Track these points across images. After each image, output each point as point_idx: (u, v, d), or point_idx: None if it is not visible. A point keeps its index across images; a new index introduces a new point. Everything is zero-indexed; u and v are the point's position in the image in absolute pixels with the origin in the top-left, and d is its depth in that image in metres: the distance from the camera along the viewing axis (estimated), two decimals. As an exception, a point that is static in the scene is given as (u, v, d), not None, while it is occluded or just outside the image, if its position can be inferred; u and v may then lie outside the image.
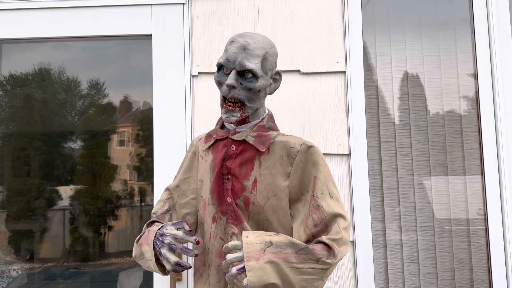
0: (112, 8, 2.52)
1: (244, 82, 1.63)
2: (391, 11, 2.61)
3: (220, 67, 1.67)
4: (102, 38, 2.57)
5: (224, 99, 1.66)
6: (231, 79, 1.60)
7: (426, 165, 2.52)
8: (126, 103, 2.73)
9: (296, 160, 1.68)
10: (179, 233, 1.60)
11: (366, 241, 2.37)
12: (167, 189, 1.88)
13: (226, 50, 1.66)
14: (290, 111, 2.42)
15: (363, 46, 2.56)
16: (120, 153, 2.72)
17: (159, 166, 2.42)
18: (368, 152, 2.52)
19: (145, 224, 1.84)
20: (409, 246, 2.48)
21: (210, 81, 2.44)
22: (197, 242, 1.56)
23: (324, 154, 2.37)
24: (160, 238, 1.62)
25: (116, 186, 2.69)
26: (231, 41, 1.66)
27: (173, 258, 1.57)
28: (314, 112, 2.42)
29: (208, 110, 2.43)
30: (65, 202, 2.69)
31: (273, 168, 1.69)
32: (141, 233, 1.78)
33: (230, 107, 1.65)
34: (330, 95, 2.43)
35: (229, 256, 1.50)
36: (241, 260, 1.50)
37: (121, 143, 2.74)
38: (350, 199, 2.37)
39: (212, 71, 2.44)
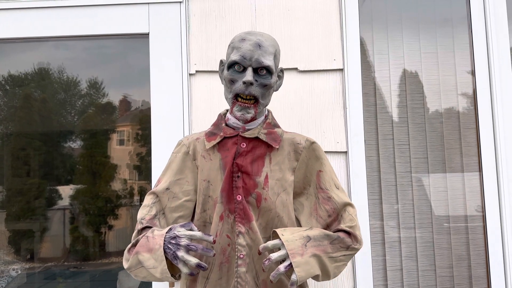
0: (109, 7, 2.52)
1: (259, 79, 1.67)
2: (389, 8, 2.61)
3: (232, 65, 1.67)
4: (100, 37, 2.57)
5: (236, 97, 1.68)
6: (249, 76, 1.62)
7: (424, 162, 2.52)
8: (126, 102, 2.73)
9: (301, 156, 1.77)
10: (198, 233, 1.54)
11: (364, 239, 2.37)
12: (153, 193, 1.78)
13: (237, 48, 1.67)
14: (288, 109, 2.42)
15: (361, 44, 2.56)
16: (120, 152, 2.72)
17: (157, 165, 2.42)
18: (366, 150, 2.52)
19: (136, 232, 1.73)
20: (408, 243, 2.48)
21: (208, 80, 2.45)
22: (214, 242, 1.56)
23: (322, 151, 2.38)
24: (173, 241, 1.54)
25: (116, 186, 2.69)
26: (242, 39, 1.67)
27: (193, 260, 1.51)
28: (311, 110, 2.42)
29: (206, 108, 2.43)
30: (65, 202, 2.70)
31: (282, 163, 1.75)
32: (133, 242, 1.68)
33: (246, 104, 1.67)
34: (328, 93, 2.43)
35: (274, 256, 1.53)
36: (284, 258, 1.55)
37: (121, 142, 2.74)
38: (348, 196, 2.37)
39: (209, 70, 2.44)
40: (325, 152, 2.39)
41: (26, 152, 2.68)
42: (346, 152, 2.40)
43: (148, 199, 1.77)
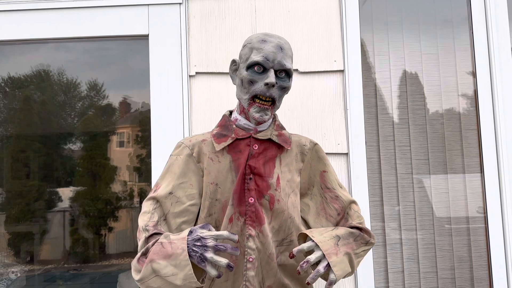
0: (109, 8, 2.51)
1: (279, 81, 1.66)
2: (389, 9, 2.61)
3: (252, 65, 1.65)
4: (99, 39, 2.57)
5: (253, 98, 1.66)
6: (273, 78, 1.61)
7: (425, 163, 2.51)
8: (126, 104, 2.73)
9: (307, 157, 1.80)
10: (224, 233, 1.48)
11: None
12: (152, 198, 1.68)
13: (257, 48, 1.65)
14: (288, 110, 2.41)
15: (361, 45, 2.55)
16: (120, 154, 2.72)
17: (157, 167, 2.42)
18: (367, 151, 2.51)
19: (142, 240, 1.60)
20: (409, 245, 2.47)
21: (208, 81, 2.44)
22: (238, 241, 1.53)
23: (322, 153, 2.38)
24: (198, 243, 1.46)
25: (116, 187, 2.69)
26: (262, 40, 1.66)
27: (223, 260, 1.44)
28: (312, 112, 2.41)
29: (206, 110, 2.42)
30: (65, 204, 2.70)
31: (291, 165, 1.76)
32: (142, 251, 1.57)
33: (265, 106, 1.65)
34: (328, 94, 2.42)
35: (312, 257, 1.55)
36: (320, 259, 1.57)
37: (121, 144, 2.74)
38: (349, 198, 2.37)
39: (209, 71, 2.44)
40: (326, 153, 2.39)
41: (26, 154, 2.68)
42: (347, 154, 2.40)
43: (147, 205, 1.68)
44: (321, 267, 1.54)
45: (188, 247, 1.47)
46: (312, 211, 1.80)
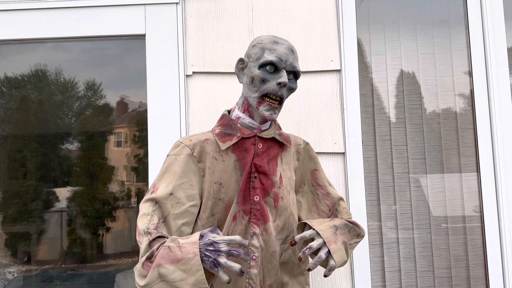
0: (105, 8, 2.51)
1: (288, 82, 1.70)
2: (386, 9, 2.61)
3: (265, 64, 1.66)
4: (96, 39, 2.56)
5: (263, 97, 1.68)
6: (286, 77, 1.64)
7: (422, 163, 2.52)
8: (123, 104, 2.73)
9: (301, 156, 1.87)
10: (237, 237, 1.46)
11: (362, 240, 2.37)
12: (151, 199, 1.62)
13: (270, 49, 1.67)
14: (285, 110, 2.41)
15: (358, 45, 2.55)
16: (117, 154, 2.72)
17: (154, 167, 2.42)
18: (364, 151, 2.51)
19: (146, 244, 1.53)
20: (406, 244, 2.48)
21: (205, 81, 2.44)
22: (248, 245, 1.57)
23: (319, 153, 2.38)
24: (211, 248, 1.43)
25: (114, 187, 2.69)
26: (274, 42, 1.69)
27: (237, 265, 1.42)
28: (309, 111, 2.42)
29: (203, 109, 2.42)
30: (62, 204, 2.69)
31: (290, 163, 1.82)
32: (147, 255, 1.51)
33: (274, 104, 1.68)
34: (325, 94, 2.43)
35: (314, 244, 1.62)
36: (321, 246, 1.64)
37: (118, 144, 2.74)
38: (346, 197, 2.37)
39: (206, 71, 2.44)
40: (323, 153, 2.40)
41: (23, 154, 2.67)
42: (343, 153, 2.40)
43: (146, 207, 1.62)
44: (322, 254, 1.61)
45: (200, 251, 1.43)
46: (304, 207, 1.87)
